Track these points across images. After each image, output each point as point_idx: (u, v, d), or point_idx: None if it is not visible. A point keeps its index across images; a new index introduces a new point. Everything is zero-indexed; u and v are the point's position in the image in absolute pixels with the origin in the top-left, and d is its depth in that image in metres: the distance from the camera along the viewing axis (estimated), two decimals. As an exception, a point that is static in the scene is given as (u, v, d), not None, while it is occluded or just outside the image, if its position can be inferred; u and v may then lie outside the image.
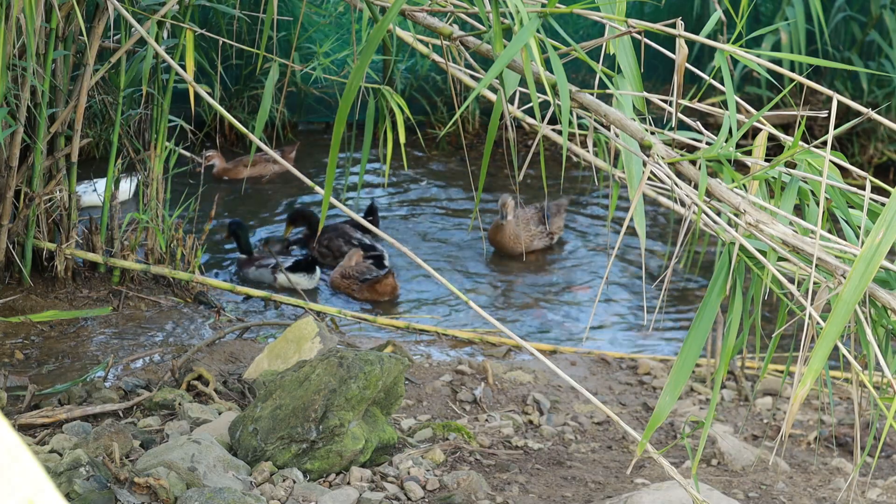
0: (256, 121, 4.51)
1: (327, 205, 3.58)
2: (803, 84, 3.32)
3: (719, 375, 3.36)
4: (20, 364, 5.90)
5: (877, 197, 3.28)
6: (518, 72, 3.38)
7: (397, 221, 8.82)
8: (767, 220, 3.19)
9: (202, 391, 5.46)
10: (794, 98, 9.23)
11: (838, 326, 2.95)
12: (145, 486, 4.38)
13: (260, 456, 4.73)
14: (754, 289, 3.41)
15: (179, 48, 6.42)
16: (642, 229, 3.31)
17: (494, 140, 3.78)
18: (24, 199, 6.33)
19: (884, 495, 5.18)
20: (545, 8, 3.30)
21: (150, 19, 6.02)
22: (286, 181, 9.31)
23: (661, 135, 3.43)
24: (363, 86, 4.42)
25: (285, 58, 8.58)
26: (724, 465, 5.42)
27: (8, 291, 6.44)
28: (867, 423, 5.85)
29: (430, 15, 3.75)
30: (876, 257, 2.93)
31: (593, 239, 8.71)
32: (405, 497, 4.72)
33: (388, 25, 3.27)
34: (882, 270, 3.24)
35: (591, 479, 5.10)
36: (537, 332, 7.37)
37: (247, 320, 6.72)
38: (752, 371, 6.62)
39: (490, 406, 5.83)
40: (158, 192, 6.70)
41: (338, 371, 4.76)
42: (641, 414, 6.02)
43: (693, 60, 9.51)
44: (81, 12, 5.80)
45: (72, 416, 5.18)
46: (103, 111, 7.41)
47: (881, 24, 9.69)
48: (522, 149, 9.87)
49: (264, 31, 4.54)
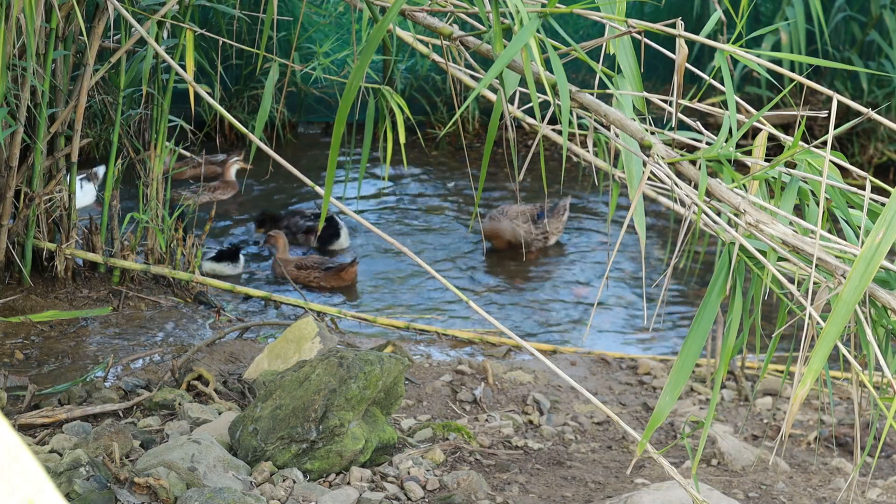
0: (256, 121, 4.52)
1: (327, 205, 3.58)
2: (803, 84, 3.32)
3: (719, 375, 3.36)
4: (20, 364, 5.90)
5: (877, 197, 3.28)
6: (518, 72, 3.38)
7: (397, 221, 8.81)
8: (767, 220, 3.19)
9: (202, 391, 5.46)
10: (794, 98, 9.23)
11: (838, 326, 2.95)
12: (145, 486, 4.38)
13: (260, 456, 4.73)
14: (754, 289, 3.41)
15: (179, 48, 6.42)
16: (642, 229, 3.31)
17: (494, 140, 3.78)
18: (24, 199, 6.33)
19: (884, 495, 5.18)
20: (545, 8, 3.30)
21: (150, 19, 6.02)
22: (287, 180, 9.31)
23: (661, 135, 3.43)
24: (363, 86, 4.42)
25: (285, 58, 8.58)
26: (724, 465, 5.42)
27: (8, 291, 6.44)
28: (867, 423, 5.85)
29: (430, 15, 3.75)
30: (876, 257, 2.93)
31: (594, 238, 8.70)
32: (405, 497, 4.72)
33: (388, 25, 3.27)
34: (882, 270, 3.24)
35: (591, 479, 5.10)
36: (537, 332, 7.37)
37: (247, 320, 6.72)
38: (752, 371, 6.62)
39: (490, 406, 5.83)
40: (158, 192, 6.71)
41: (338, 371, 4.76)
42: (641, 414, 6.02)
43: (693, 60, 9.51)
44: (81, 12, 5.80)
45: (72, 416, 5.18)
46: (103, 111, 7.41)
47: (881, 24, 9.69)
48: (522, 149, 9.87)
49: (264, 31, 4.54)
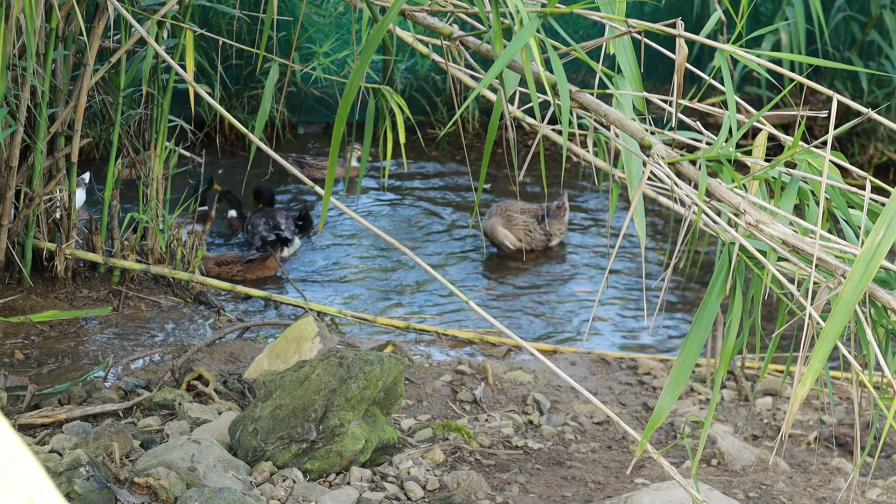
0: (256, 121, 4.52)
1: (327, 205, 3.58)
2: (803, 84, 3.32)
3: (719, 375, 3.36)
4: (20, 364, 5.90)
5: (877, 197, 3.28)
6: (518, 72, 3.38)
7: (397, 221, 8.81)
8: (767, 220, 3.19)
9: (202, 391, 5.46)
10: (794, 98, 9.23)
11: (838, 326, 2.95)
12: (145, 486, 4.38)
13: (260, 456, 4.73)
14: (754, 289, 3.40)
15: (179, 48, 6.42)
16: (642, 229, 3.31)
17: (494, 140, 3.79)
18: (24, 199, 6.33)
19: (884, 495, 5.18)
20: (545, 8, 3.30)
21: (150, 19, 6.02)
22: (287, 177, 9.31)
23: (661, 135, 3.43)
24: (363, 86, 4.42)
25: (285, 58, 8.58)
26: (724, 465, 5.42)
27: (8, 291, 6.44)
28: (867, 423, 5.85)
29: (430, 15, 3.75)
30: (876, 257, 2.93)
31: (594, 238, 8.71)
32: (405, 497, 4.72)
33: (388, 25, 3.27)
34: (882, 270, 3.24)
35: (591, 479, 5.10)
36: (537, 332, 7.37)
37: (247, 320, 6.71)
38: (752, 371, 6.62)
39: (490, 406, 5.83)
40: (158, 192, 6.71)
41: (338, 371, 4.76)
42: (641, 414, 6.02)
43: (693, 60, 9.51)
44: (81, 12, 5.80)
45: (72, 416, 5.18)
46: (103, 111, 7.41)
47: (881, 24, 9.69)
48: (522, 149, 9.88)
49: (264, 31, 4.54)
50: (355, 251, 8.29)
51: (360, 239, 8.50)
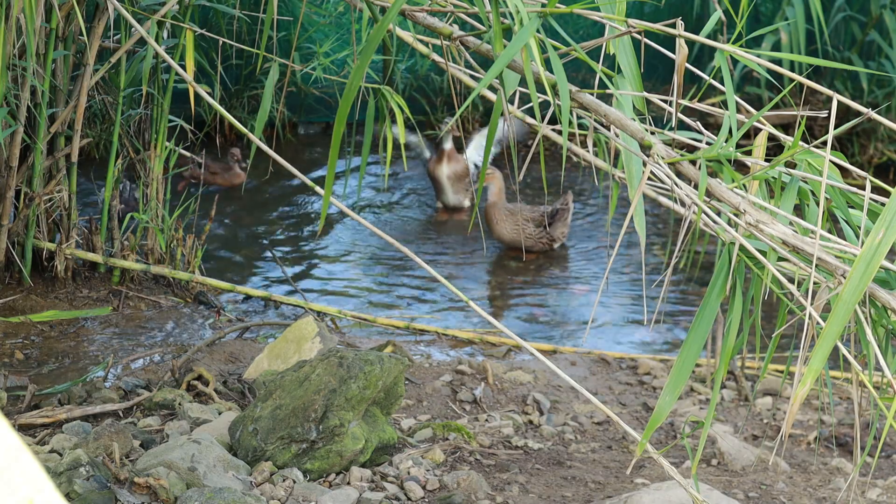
0: (256, 121, 4.51)
1: (327, 205, 3.58)
2: (803, 84, 3.32)
3: (719, 375, 3.36)
4: (20, 364, 5.90)
5: (877, 197, 3.28)
6: (518, 72, 3.38)
7: (397, 221, 8.82)
8: (767, 220, 3.19)
9: (202, 391, 5.46)
10: (794, 98, 9.23)
11: (838, 326, 2.95)
12: (145, 486, 4.38)
13: (260, 456, 4.73)
14: (754, 289, 3.41)
15: (179, 48, 6.42)
16: (642, 229, 3.31)
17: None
18: (24, 199, 6.33)
19: (884, 495, 5.18)
20: (545, 8, 3.30)
21: (150, 19, 6.02)
22: (285, 178, 9.30)
23: (661, 135, 3.43)
24: (363, 86, 4.42)
25: (285, 58, 8.58)
26: (724, 465, 5.42)
27: (8, 291, 6.44)
28: (867, 423, 5.85)
29: (430, 15, 3.75)
30: (876, 257, 2.93)
31: (593, 238, 8.70)
32: (405, 497, 4.72)
33: (388, 25, 3.27)
34: (882, 270, 3.24)
35: (591, 479, 5.10)
36: (537, 331, 7.36)
37: (247, 320, 6.71)
38: (752, 371, 6.62)
39: (490, 406, 5.83)
40: (158, 192, 6.71)
41: (338, 371, 4.76)
42: (641, 414, 6.02)
43: (693, 60, 9.51)
44: (81, 12, 5.80)
45: (72, 416, 5.19)
46: (103, 111, 7.41)
47: (881, 24, 9.69)
48: (522, 149, 9.88)
49: (264, 31, 4.54)
50: (355, 251, 8.29)
51: (360, 239, 8.49)
